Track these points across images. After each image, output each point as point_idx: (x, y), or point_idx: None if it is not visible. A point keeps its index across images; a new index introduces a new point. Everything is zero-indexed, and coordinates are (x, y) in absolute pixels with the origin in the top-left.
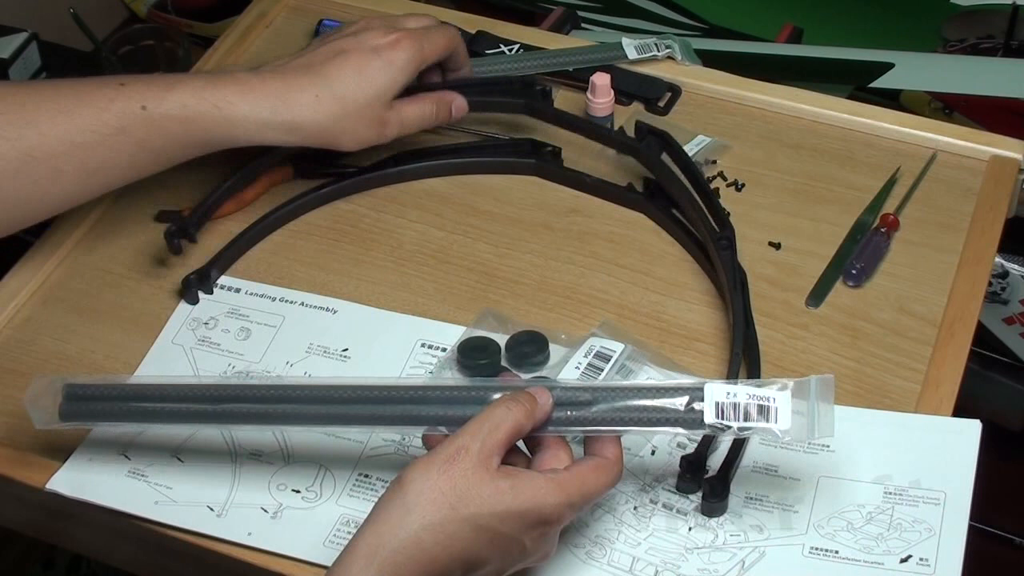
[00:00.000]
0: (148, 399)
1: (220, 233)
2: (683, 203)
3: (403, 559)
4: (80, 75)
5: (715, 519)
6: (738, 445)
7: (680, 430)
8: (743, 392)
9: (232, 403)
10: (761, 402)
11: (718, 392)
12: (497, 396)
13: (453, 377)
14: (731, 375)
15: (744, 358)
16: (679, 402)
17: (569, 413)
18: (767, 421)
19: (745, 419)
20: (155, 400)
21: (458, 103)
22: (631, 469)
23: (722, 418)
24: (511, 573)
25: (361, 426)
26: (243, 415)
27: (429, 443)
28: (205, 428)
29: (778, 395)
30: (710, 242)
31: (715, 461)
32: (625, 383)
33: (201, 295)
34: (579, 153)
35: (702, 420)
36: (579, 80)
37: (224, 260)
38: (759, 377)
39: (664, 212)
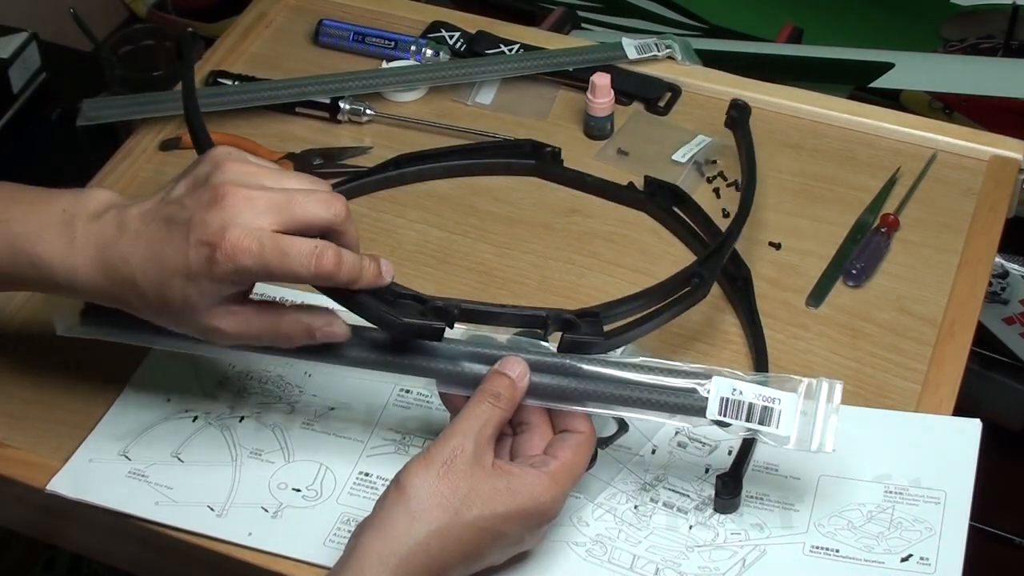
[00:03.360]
0: None
1: None
2: (697, 251)
3: (413, 566)
4: (80, 75)
5: (715, 517)
6: (749, 441)
7: (679, 423)
8: (749, 390)
9: None
10: (766, 403)
11: (724, 387)
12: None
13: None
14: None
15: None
16: (682, 390)
17: (562, 383)
18: (769, 425)
19: (748, 418)
20: None
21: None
22: (631, 468)
23: (725, 414)
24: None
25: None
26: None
27: (453, 404)
28: (227, 355)
29: (784, 397)
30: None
31: (723, 460)
32: (623, 360)
33: None
34: (579, 153)
35: (703, 411)
36: (579, 80)
37: None
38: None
39: (665, 211)
